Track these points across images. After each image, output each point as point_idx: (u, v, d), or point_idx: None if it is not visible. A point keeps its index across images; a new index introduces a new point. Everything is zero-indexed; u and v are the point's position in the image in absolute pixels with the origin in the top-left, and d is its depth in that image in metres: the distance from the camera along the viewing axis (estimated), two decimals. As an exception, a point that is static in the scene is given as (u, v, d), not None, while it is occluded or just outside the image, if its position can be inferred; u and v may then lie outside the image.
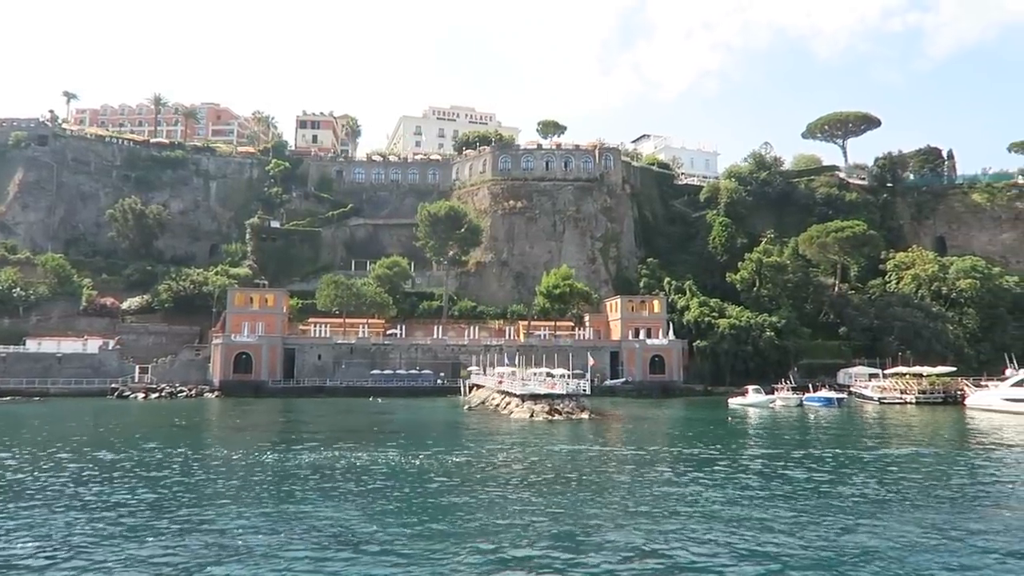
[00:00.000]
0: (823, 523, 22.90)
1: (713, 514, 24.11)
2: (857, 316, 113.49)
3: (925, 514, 24.23)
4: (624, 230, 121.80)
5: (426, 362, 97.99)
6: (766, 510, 24.71)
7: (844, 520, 23.26)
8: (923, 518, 23.60)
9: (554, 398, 61.61)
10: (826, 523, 22.91)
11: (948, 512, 24.57)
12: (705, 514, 24.11)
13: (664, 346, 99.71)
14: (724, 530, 21.94)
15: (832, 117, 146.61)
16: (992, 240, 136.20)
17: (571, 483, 29.84)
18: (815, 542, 20.67)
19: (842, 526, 22.53)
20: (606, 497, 27.07)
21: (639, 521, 23.09)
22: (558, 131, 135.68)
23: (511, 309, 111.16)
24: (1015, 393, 64.44)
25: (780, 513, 24.27)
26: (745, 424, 59.32)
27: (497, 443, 43.45)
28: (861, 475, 32.49)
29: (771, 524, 22.71)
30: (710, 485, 29.71)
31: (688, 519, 23.38)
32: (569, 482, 30.02)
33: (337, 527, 22.08)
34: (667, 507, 25.15)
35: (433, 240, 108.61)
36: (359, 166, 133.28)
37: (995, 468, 34.69)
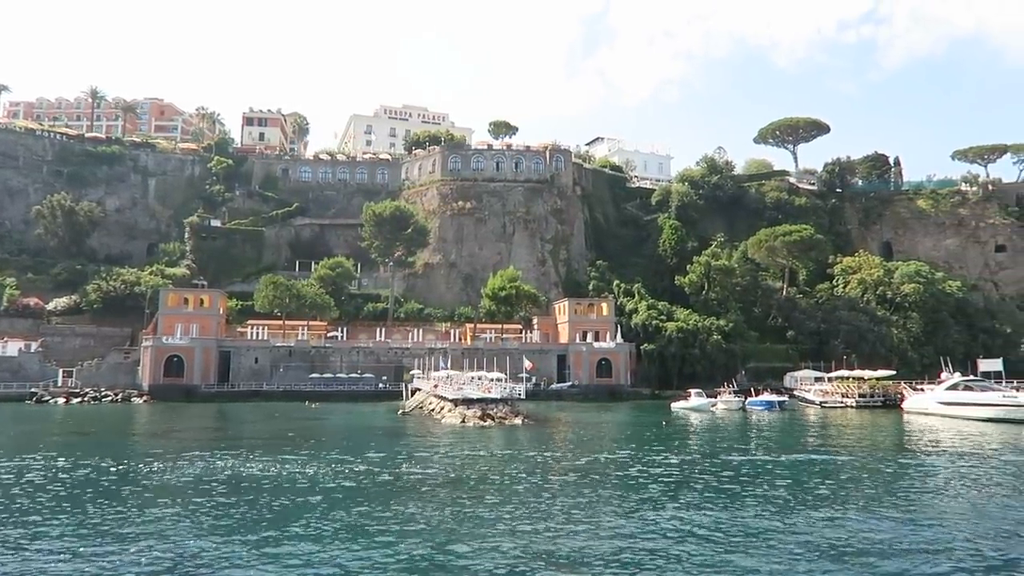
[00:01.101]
0: (713, 530, 21.39)
1: (600, 520, 22.44)
2: (804, 320, 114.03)
3: (807, 522, 22.92)
4: (574, 232, 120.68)
5: (368, 366, 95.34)
6: (655, 516, 23.15)
7: (738, 527, 21.80)
8: (806, 526, 22.28)
9: (487, 403, 59.79)
10: (717, 530, 21.40)
11: (847, 519, 23.30)
12: (591, 521, 22.43)
13: (611, 349, 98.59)
14: (607, 536, 20.28)
15: (783, 123, 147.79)
16: (936, 246, 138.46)
17: (460, 489, 27.98)
18: (698, 550, 19.13)
19: (735, 532, 21.05)
20: (485, 504, 25.24)
21: (517, 530, 21.29)
22: (510, 132, 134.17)
23: (459, 311, 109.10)
24: (949, 397, 64.51)
25: (662, 520, 22.72)
26: (680, 428, 58.15)
27: (412, 449, 41.39)
28: (769, 481, 31.22)
29: (653, 530, 21.13)
30: (610, 490, 28.11)
31: (573, 527, 21.67)
32: (458, 488, 28.16)
33: (169, 543, 19.82)
34: (552, 514, 23.41)
35: (378, 241, 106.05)
36: (306, 165, 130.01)
37: (908, 473, 33.78)
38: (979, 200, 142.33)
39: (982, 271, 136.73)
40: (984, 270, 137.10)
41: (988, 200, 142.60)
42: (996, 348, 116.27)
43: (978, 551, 19.87)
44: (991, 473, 33.88)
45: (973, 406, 61.40)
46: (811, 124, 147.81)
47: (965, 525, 22.92)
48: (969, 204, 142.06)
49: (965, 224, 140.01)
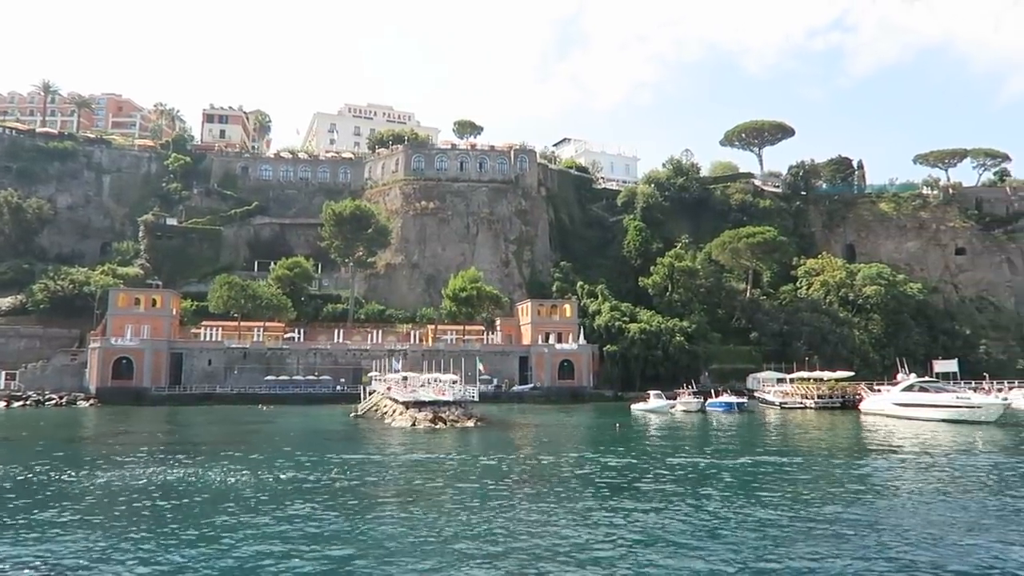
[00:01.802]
0: (645, 535, 20.32)
1: (523, 525, 21.26)
2: (767, 321, 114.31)
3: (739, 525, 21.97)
4: (539, 233, 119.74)
5: (326, 368, 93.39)
6: (584, 521, 22.02)
7: (669, 531, 20.75)
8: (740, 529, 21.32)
9: (440, 405, 58.43)
10: (649, 535, 20.34)
11: (780, 521, 22.38)
12: (513, 526, 21.23)
13: (574, 351, 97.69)
14: (530, 540, 19.09)
15: (748, 125, 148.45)
16: (898, 248, 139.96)
17: (384, 494, 26.62)
18: (629, 556, 18.03)
19: (666, 537, 20.00)
20: (405, 511, 23.92)
21: (427, 539, 20.02)
22: (475, 131, 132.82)
23: (420, 313, 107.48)
24: (904, 398, 64.48)
25: (592, 526, 21.60)
26: (634, 431, 57.23)
27: (351, 453, 39.83)
28: (709, 483, 30.30)
29: (582, 536, 20.00)
30: (544, 495, 26.93)
31: (495, 533, 20.44)
32: (382, 493, 26.80)
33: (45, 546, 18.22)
34: (472, 523, 22.17)
35: (338, 241, 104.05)
36: (266, 163, 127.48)
37: (852, 475, 33.08)
38: (940, 203, 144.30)
39: (942, 273, 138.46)
40: (944, 272, 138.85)
41: (949, 203, 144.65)
42: (955, 349, 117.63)
43: (910, 552, 19.03)
44: (932, 475, 33.31)
45: (927, 407, 61.39)
46: (776, 127, 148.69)
47: (897, 527, 22.11)
48: (930, 207, 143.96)
49: (926, 227, 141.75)
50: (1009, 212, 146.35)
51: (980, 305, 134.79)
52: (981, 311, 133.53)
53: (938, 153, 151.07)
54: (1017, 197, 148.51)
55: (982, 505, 26.10)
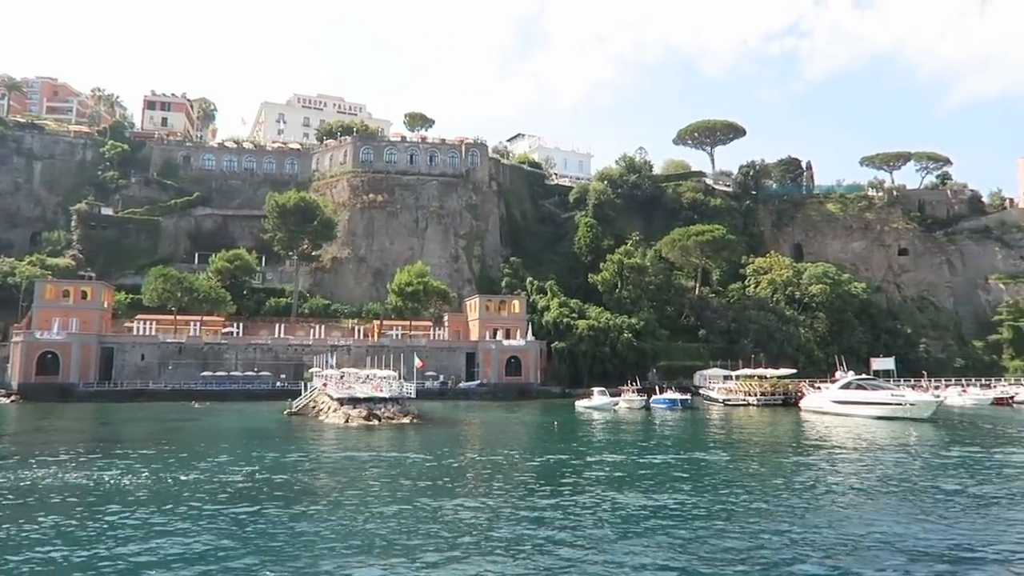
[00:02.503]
0: (556, 536, 19.20)
1: (419, 528, 19.96)
2: (715, 319, 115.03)
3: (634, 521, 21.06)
4: (490, 228, 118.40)
5: (266, 364, 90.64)
6: (486, 521, 20.83)
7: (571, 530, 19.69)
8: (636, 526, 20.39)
9: (375, 402, 56.75)
10: (561, 536, 19.22)
11: (687, 517, 21.53)
12: (410, 529, 19.92)
13: (521, 347, 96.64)
14: (426, 543, 17.81)
15: (701, 125, 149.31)
16: (844, 248, 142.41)
17: (288, 495, 25.05)
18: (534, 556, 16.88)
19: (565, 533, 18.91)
20: (302, 512, 22.43)
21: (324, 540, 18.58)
22: (426, 124, 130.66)
23: (367, 308, 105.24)
24: (842, 395, 65.01)
25: (507, 525, 20.42)
26: (573, 429, 56.43)
27: (272, 452, 37.96)
28: (637, 481, 29.44)
29: (493, 536, 18.80)
30: (454, 495, 25.66)
31: (392, 534, 19.10)
32: (285, 493, 25.22)
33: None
34: (370, 526, 20.79)
35: (282, 233, 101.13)
36: (209, 152, 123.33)
37: (780, 472, 32.61)
38: (884, 205, 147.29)
39: (886, 273, 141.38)
40: (888, 272, 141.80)
41: (893, 205, 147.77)
42: (897, 348, 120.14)
43: (818, 547, 18.27)
44: (856, 471, 33.02)
45: (864, 404, 61.94)
46: (728, 127, 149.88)
47: (808, 523, 21.42)
48: (875, 209, 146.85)
49: (871, 228, 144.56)
50: (950, 215, 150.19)
51: (921, 305, 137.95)
52: (922, 311, 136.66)
53: (883, 156, 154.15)
54: (957, 200, 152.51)
55: (901, 500, 25.69)
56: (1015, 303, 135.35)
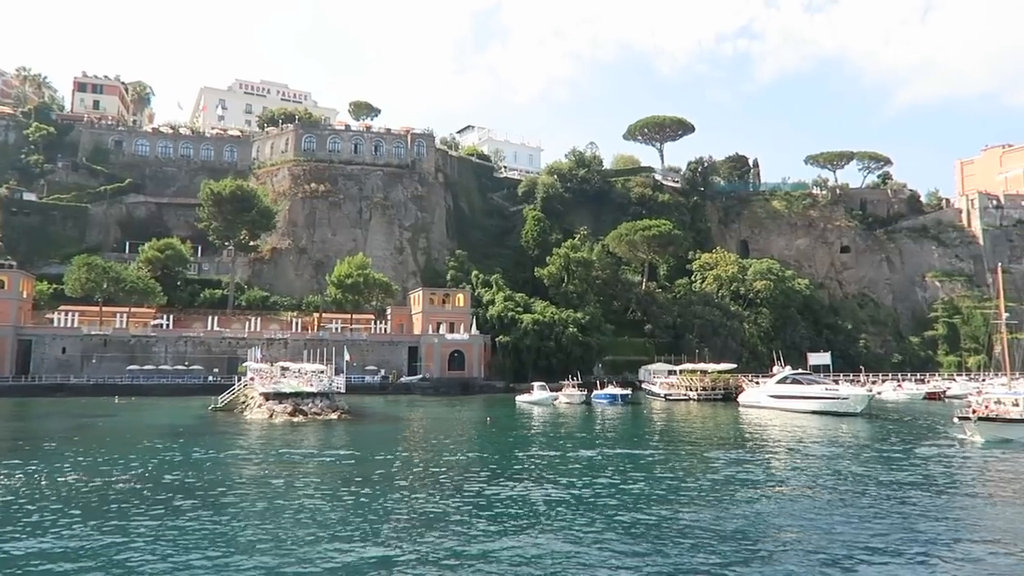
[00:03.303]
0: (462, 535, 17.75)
1: (307, 531, 18.30)
2: (661, 314, 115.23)
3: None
4: (435, 220, 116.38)
5: (198, 357, 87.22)
6: (377, 521, 19.28)
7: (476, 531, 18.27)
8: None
9: (302, 397, 54.53)
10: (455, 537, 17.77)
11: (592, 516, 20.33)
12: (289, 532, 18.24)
13: (464, 341, 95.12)
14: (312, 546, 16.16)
15: (650, 120, 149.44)
16: (788, 245, 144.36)
17: (164, 497, 23.08)
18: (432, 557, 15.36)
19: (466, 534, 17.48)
20: (192, 512, 20.54)
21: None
22: (371, 113, 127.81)
23: (307, 300, 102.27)
24: (778, 390, 65.17)
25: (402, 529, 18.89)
26: (508, 424, 55.16)
27: (177, 451, 35.66)
28: (553, 478, 28.21)
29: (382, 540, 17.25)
30: (355, 494, 24.02)
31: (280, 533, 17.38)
32: (180, 492, 23.25)
33: None
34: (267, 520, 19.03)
35: (217, 222, 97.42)
36: (143, 138, 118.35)
37: (705, 466, 31.79)
38: (828, 203, 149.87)
39: (828, 270, 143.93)
40: (830, 269, 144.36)
41: (836, 203, 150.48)
42: (838, 343, 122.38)
43: (723, 543, 17.21)
44: (773, 466, 32.40)
45: (799, 399, 62.12)
46: (677, 123, 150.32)
47: (718, 520, 20.42)
48: (819, 207, 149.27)
49: (815, 225, 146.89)
50: (890, 213, 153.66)
51: (861, 301, 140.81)
52: (862, 307, 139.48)
53: (827, 155, 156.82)
54: (897, 200, 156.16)
55: (816, 493, 24.95)
56: (950, 300, 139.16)
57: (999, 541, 19.56)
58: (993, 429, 39.84)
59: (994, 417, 40.65)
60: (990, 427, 40.01)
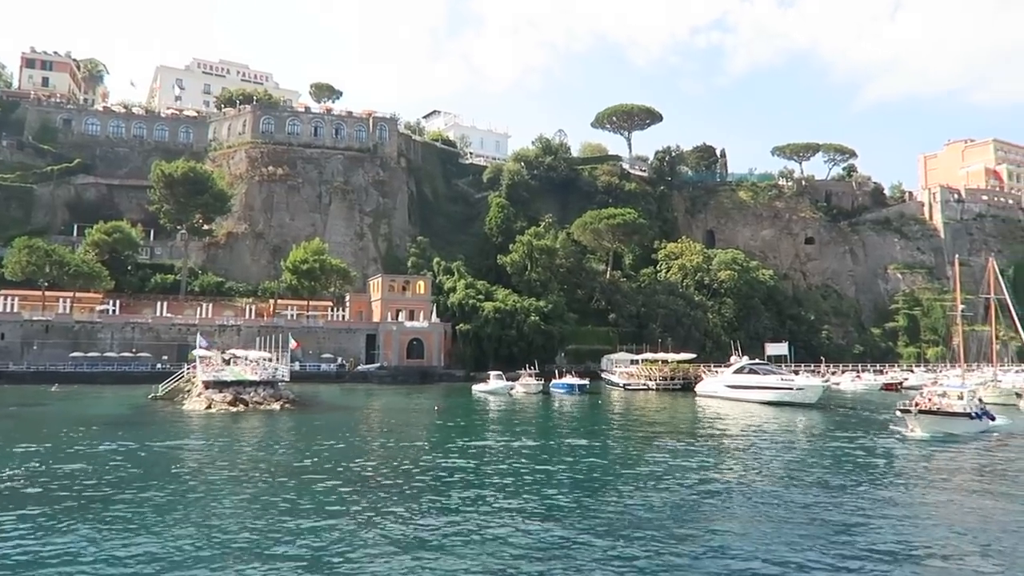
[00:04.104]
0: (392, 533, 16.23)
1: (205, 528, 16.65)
2: (625, 303, 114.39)
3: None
4: (397, 206, 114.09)
5: (146, 344, 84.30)
6: (281, 518, 17.72)
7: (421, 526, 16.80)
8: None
9: (244, 385, 52.49)
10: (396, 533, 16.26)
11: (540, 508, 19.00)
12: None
13: (424, 329, 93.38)
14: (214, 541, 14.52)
15: (618, 108, 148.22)
16: (754, 235, 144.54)
17: (45, 495, 21.26)
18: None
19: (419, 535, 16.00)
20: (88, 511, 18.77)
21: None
22: (333, 95, 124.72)
23: (263, 286, 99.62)
24: (735, 380, 64.57)
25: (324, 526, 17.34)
26: (459, 413, 53.71)
27: (83, 444, 33.58)
28: (486, 470, 26.86)
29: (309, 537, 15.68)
30: (268, 491, 22.40)
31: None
32: (74, 489, 21.42)
33: None
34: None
35: (169, 205, 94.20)
36: (94, 116, 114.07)
37: (645, 457, 30.66)
38: (793, 195, 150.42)
39: (793, 261, 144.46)
40: (795, 260, 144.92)
41: (801, 195, 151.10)
42: (801, 333, 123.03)
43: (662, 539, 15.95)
44: (712, 460, 31.40)
45: (755, 389, 61.55)
46: (645, 112, 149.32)
47: (649, 513, 19.20)
48: (785, 198, 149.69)
49: (780, 216, 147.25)
50: (854, 205, 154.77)
51: (824, 292, 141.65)
52: (825, 298, 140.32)
53: (794, 146, 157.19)
54: (861, 192, 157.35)
55: (756, 486, 23.89)
56: (911, 292, 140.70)
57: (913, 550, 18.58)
58: (935, 423, 38.17)
59: (935, 410, 39.11)
60: (932, 421, 38.25)
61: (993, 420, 40.50)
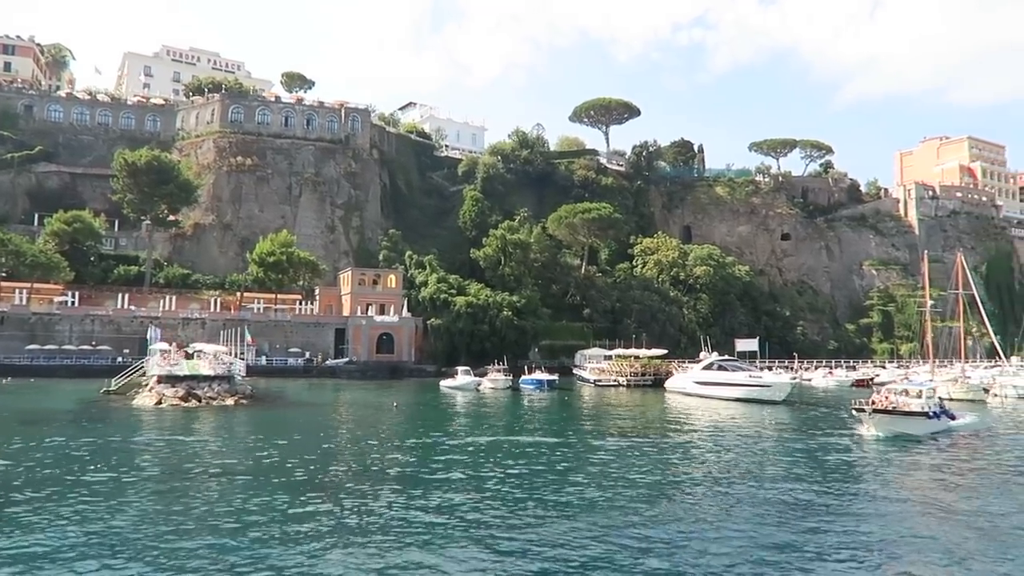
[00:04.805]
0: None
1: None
2: (600, 298, 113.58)
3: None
4: (370, 198, 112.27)
5: (106, 337, 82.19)
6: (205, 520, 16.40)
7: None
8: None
9: (198, 380, 50.85)
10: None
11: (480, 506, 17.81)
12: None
13: (394, 324, 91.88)
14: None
15: (596, 102, 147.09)
16: (731, 231, 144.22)
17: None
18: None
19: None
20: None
21: None
22: (305, 85, 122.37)
23: (231, 279, 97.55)
24: (703, 376, 63.80)
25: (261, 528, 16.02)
26: (419, 410, 52.48)
27: (11, 443, 31.95)
28: (428, 470, 25.65)
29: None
30: (190, 491, 21.03)
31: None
32: None
33: None
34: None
35: (132, 194, 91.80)
36: (57, 103, 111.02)
37: (593, 456, 29.61)
38: (770, 190, 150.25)
39: (769, 257, 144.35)
40: (771, 256, 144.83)
41: (778, 191, 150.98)
42: (776, 329, 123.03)
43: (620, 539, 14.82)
44: (663, 457, 30.42)
45: (723, 386, 60.80)
46: (623, 106, 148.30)
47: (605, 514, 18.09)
48: (761, 194, 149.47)
49: (757, 212, 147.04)
50: (830, 202, 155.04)
51: (800, 288, 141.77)
52: (801, 294, 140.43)
53: (771, 142, 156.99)
54: (838, 188, 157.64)
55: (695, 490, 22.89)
56: (885, 289, 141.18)
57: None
58: (890, 423, 36.17)
59: (891, 410, 36.85)
60: (887, 420, 36.19)
61: (953, 419, 39.04)
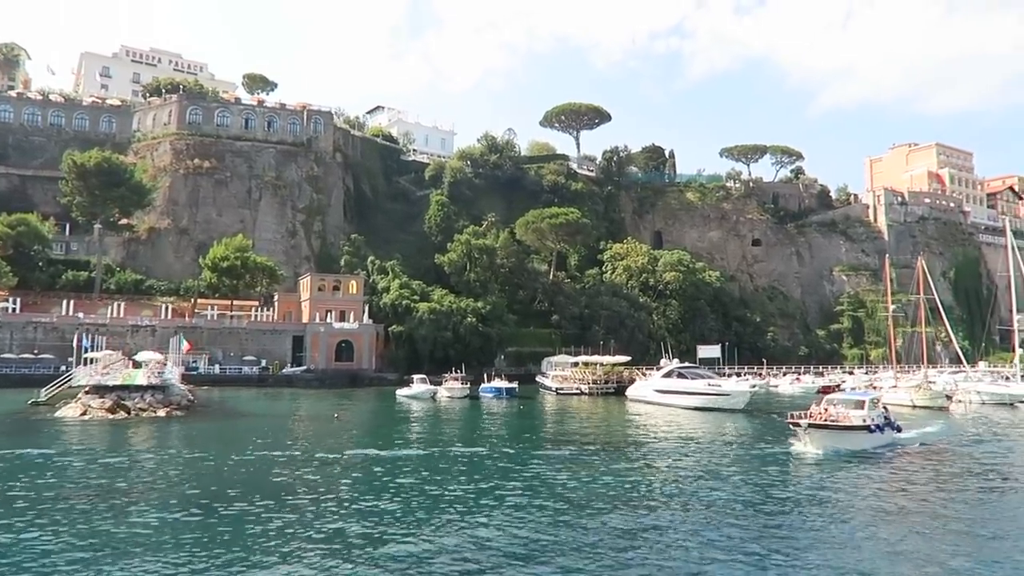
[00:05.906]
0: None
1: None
2: (568, 304, 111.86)
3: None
4: (332, 203, 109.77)
5: (49, 344, 78.79)
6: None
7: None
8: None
9: (128, 390, 48.22)
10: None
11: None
12: None
13: (354, 331, 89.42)
14: None
15: (566, 107, 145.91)
16: (701, 237, 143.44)
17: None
18: None
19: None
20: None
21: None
22: (267, 87, 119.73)
23: (186, 285, 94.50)
24: (663, 384, 62.21)
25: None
26: (359, 421, 50.23)
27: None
28: (348, 483, 23.55)
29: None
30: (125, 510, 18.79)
31: None
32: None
33: None
34: None
35: (82, 197, 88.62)
36: (6, 103, 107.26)
37: (535, 468, 27.69)
38: (741, 196, 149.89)
39: (740, 263, 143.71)
40: (742, 262, 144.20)
41: (749, 196, 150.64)
42: (747, 335, 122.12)
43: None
44: (617, 467, 28.59)
45: (683, 394, 59.20)
46: (593, 111, 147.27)
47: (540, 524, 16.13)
48: (732, 199, 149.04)
49: (727, 218, 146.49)
50: (801, 207, 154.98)
51: (771, 294, 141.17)
52: (771, 300, 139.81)
53: (742, 148, 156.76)
54: (808, 194, 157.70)
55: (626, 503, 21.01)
56: (855, 294, 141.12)
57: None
58: (828, 438, 32.69)
59: (829, 424, 33.21)
60: (824, 436, 32.68)
61: (899, 432, 36.62)
